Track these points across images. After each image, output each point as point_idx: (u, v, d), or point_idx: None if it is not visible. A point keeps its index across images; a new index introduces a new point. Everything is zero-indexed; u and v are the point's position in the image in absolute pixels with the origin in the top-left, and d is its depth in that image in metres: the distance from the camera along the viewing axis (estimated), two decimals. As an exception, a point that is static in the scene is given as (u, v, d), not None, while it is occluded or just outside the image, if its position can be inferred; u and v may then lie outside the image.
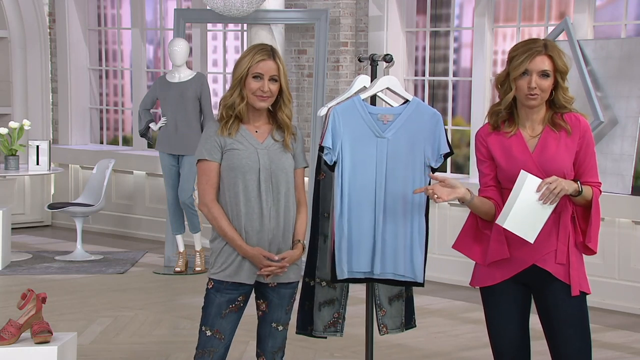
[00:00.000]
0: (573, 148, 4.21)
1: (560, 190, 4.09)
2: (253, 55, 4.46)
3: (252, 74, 4.45)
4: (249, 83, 4.46)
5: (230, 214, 4.49)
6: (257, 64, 4.45)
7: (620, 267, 8.19)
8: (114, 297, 8.48)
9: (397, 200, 4.67)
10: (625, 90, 8.25)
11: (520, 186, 4.10)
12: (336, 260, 4.67)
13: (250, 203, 4.47)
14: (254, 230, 4.48)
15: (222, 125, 4.49)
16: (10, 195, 11.83)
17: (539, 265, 4.20)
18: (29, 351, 5.23)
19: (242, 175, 4.47)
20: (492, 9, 9.26)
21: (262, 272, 4.49)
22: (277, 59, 4.48)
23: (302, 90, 10.18)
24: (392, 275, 4.72)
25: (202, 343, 4.54)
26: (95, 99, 12.47)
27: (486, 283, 4.29)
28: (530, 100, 4.17)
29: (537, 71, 4.15)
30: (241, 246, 4.46)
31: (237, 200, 4.47)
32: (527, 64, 4.15)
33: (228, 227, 4.47)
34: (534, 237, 4.13)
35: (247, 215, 4.47)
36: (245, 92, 4.46)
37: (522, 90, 4.17)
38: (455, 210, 9.15)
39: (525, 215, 4.10)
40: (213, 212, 4.49)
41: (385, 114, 4.70)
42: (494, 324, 4.30)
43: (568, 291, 4.19)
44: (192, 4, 11.17)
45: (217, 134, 4.48)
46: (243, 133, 4.51)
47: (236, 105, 4.48)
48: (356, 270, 4.71)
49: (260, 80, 4.45)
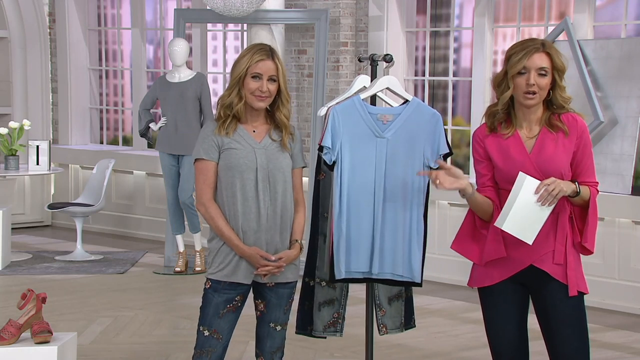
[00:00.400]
0: (570, 148, 4.21)
1: (558, 192, 4.08)
2: (252, 55, 4.45)
3: (251, 74, 4.44)
4: (247, 83, 4.45)
5: (228, 213, 4.49)
6: (256, 63, 4.44)
7: (620, 267, 8.19)
8: (114, 297, 8.48)
9: (396, 200, 4.67)
10: (625, 90, 8.25)
11: (519, 188, 4.10)
12: (334, 260, 4.67)
13: (247, 202, 4.47)
14: (251, 230, 4.48)
15: (220, 124, 4.48)
16: (10, 195, 11.83)
17: (537, 265, 4.20)
18: (29, 351, 5.23)
19: (239, 174, 4.46)
20: (492, 9, 9.26)
21: (259, 272, 4.48)
22: (275, 59, 4.47)
23: (302, 90, 10.18)
24: (390, 275, 4.72)
25: (200, 343, 4.54)
26: (95, 99, 12.47)
27: (484, 283, 4.29)
28: (528, 99, 4.16)
29: (535, 68, 4.14)
30: (238, 246, 4.46)
31: (235, 200, 4.47)
32: (525, 61, 4.14)
33: (225, 226, 4.47)
34: (532, 238, 4.13)
35: (244, 214, 4.47)
36: (243, 91, 4.46)
37: (520, 88, 4.16)
38: (455, 210, 9.15)
39: (524, 217, 4.10)
40: (210, 212, 4.48)
41: (385, 114, 4.69)
42: (492, 324, 4.30)
43: (566, 291, 4.19)
44: (192, 4, 11.17)
45: (215, 134, 4.48)
46: (241, 132, 4.50)
47: (234, 105, 4.47)
48: (355, 270, 4.70)
49: (259, 80, 4.44)
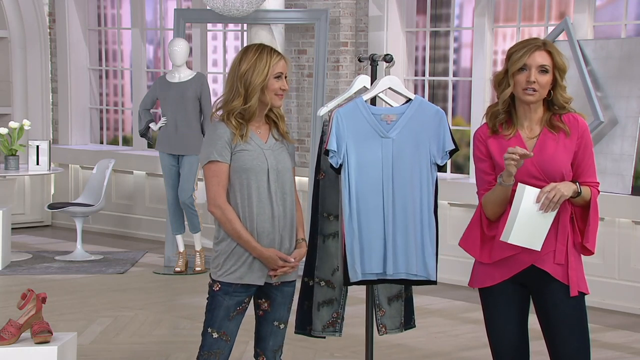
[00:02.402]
0: (572, 148, 4.20)
1: (560, 197, 4.08)
2: (270, 58, 4.47)
3: (274, 75, 4.46)
4: (271, 84, 4.46)
5: (242, 215, 4.47)
6: (276, 64, 4.47)
7: (620, 267, 8.19)
8: (114, 297, 8.48)
9: (406, 199, 4.64)
10: (625, 90, 8.24)
11: (520, 199, 4.09)
12: (348, 263, 4.62)
13: (261, 204, 4.47)
14: (265, 232, 4.48)
15: (237, 133, 4.46)
16: (10, 195, 11.83)
17: (538, 265, 4.20)
18: (29, 351, 5.23)
19: (254, 176, 4.46)
20: (492, 9, 9.26)
21: (276, 272, 4.49)
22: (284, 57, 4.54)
23: (302, 90, 10.18)
24: (405, 275, 4.66)
25: (207, 345, 4.52)
26: (95, 99, 12.47)
27: (485, 284, 4.28)
28: (528, 95, 4.15)
29: (536, 66, 4.14)
30: (256, 247, 4.45)
31: (250, 202, 4.46)
32: (526, 58, 4.14)
33: (242, 229, 4.45)
34: (540, 245, 4.13)
35: (259, 216, 4.46)
36: (267, 95, 4.47)
37: (520, 85, 4.15)
38: (455, 210, 9.16)
39: (529, 227, 4.09)
40: (227, 215, 4.46)
41: (389, 114, 4.68)
42: (493, 324, 4.30)
43: (567, 291, 4.19)
44: (192, 4, 11.17)
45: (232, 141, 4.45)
46: (250, 135, 4.51)
47: (251, 110, 4.48)
48: (369, 272, 4.67)
49: (281, 79, 4.48)
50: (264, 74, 4.45)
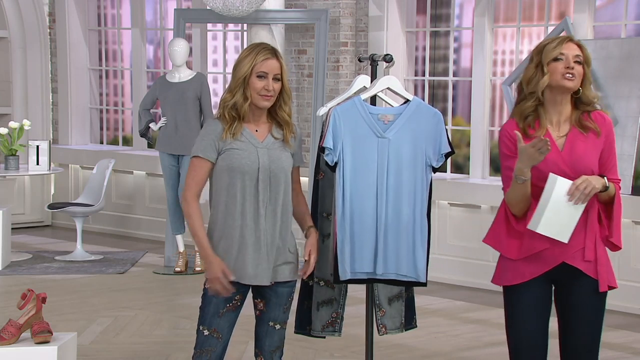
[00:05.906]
0: (600, 146, 4.22)
1: (591, 190, 4.09)
2: (256, 55, 4.45)
3: (257, 73, 4.44)
4: (253, 82, 4.44)
5: (227, 212, 4.47)
6: (261, 62, 4.44)
7: (620, 267, 8.18)
8: (114, 297, 8.48)
9: (399, 200, 4.66)
10: (625, 90, 8.25)
11: (551, 189, 4.09)
12: (339, 261, 4.65)
13: (246, 202, 4.46)
14: (250, 230, 4.47)
15: (227, 129, 4.47)
16: (10, 195, 11.83)
17: (569, 262, 4.19)
18: (29, 351, 5.23)
19: (241, 175, 4.46)
20: (492, 9, 9.26)
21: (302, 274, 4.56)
22: (279, 58, 4.49)
23: (302, 90, 10.18)
24: (394, 276, 4.69)
25: (200, 343, 4.54)
26: (95, 99, 12.47)
27: (515, 281, 4.24)
28: (567, 80, 4.13)
29: (573, 55, 4.15)
30: (206, 250, 4.44)
31: (235, 200, 4.46)
32: (562, 48, 4.15)
33: (200, 229, 4.44)
34: (568, 237, 4.13)
35: (242, 214, 4.46)
36: (249, 91, 4.46)
37: (557, 73, 4.14)
38: (455, 210, 9.16)
39: (558, 218, 4.09)
40: (191, 209, 4.45)
41: (386, 114, 4.69)
42: (516, 322, 4.25)
43: (595, 287, 4.20)
44: (192, 4, 11.17)
45: (221, 138, 4.46)
46: (244, 133, 4.50)
47: (239, 106, 4.47)
48: (359, 271, 4.69)
49: (265, 80, 4.44)
50: (244, 70, 4.43)
